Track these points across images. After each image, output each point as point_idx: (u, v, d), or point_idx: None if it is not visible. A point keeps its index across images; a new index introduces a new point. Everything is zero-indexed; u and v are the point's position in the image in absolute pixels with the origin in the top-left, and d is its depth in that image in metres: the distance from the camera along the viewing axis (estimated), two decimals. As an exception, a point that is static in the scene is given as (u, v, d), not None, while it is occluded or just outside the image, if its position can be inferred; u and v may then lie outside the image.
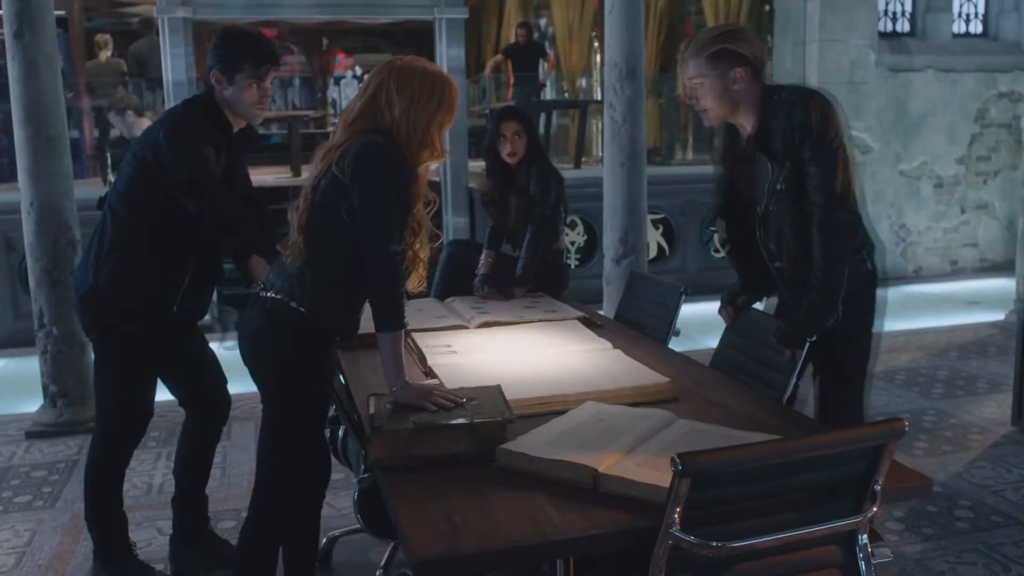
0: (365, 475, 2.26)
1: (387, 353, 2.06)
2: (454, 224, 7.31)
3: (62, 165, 4.32)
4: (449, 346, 2.69)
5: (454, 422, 1.88)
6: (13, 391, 5.09)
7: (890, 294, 7.60)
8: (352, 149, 2.04)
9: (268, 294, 2.17)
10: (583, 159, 9.00)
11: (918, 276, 8.27)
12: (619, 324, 3.15)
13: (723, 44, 2.35)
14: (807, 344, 2.37)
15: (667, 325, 2.97)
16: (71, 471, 3.89)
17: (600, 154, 7.88)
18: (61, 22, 11.78)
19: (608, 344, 2.68)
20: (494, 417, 1.88)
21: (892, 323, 6.34)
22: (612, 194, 5.12)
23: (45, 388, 4.45)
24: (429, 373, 2.46)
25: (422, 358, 2.58)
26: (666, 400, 2.22)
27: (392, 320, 2.06)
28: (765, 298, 2.79)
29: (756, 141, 2.42)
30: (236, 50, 2.61)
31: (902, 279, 8.14)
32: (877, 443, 1.54)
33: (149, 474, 3.84)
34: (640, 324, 3.12)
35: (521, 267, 3.45)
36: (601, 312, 4.15)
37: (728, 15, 8.77)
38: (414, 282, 2.15)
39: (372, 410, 1.99)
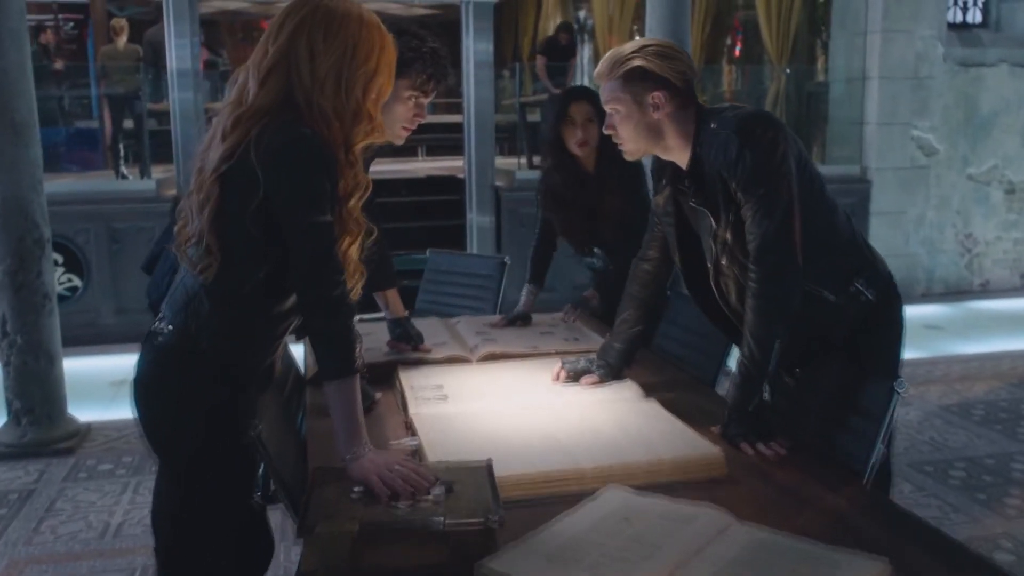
0: None
1: (336, 409, 1.53)
2: (478, 224, 6.80)
3: (29, 154, 3.84)
4: (440, 387, 2.14)
5: (416, 522, 1.33)
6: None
7: (954, 311, 6.97)
8: (268, 139, 1.51)
9: (159, 326, 1.65)
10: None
11: (985, 290, 7.58)
12: (655, 356, 2.57)
13: (636, 62, 1.91)
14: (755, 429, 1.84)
15: (715, 362, 2.39)
16: (23, 504, 3.40)
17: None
18: (83, 8, 11.50)
19: (639, 390, 2.12)
20: (473, 517, 1.33)
21: (961, 345, 5.70)
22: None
23: (9, 404, 3.98)
24: (410, 425, 1.92)
25: (404, 404, 2.05)
26: (716, 478, 1.66)
27: (341, 364, 1.53)
28: None
29: (691, 181, 1.95)
30: (407, 47, 2.08)
31: (967, 293, 7.47)
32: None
33: (109, 510, 3.34)
34: (681, 358, 2.55)
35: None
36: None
37: (782, 5, 8.13)
38: (348, 284, 1.62)
39: (311, 495, 1.45)
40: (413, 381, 2.19)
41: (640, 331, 2.22)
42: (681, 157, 1.98)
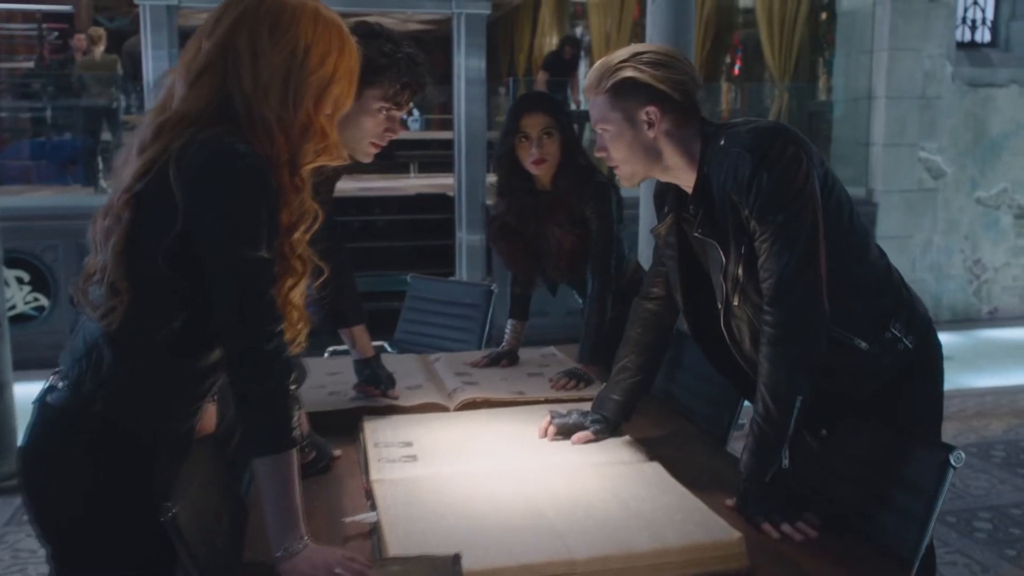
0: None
1: (268, 492, 1.25)
2: (468, 243, 6.53)
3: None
4: (409, 444, 1.85)
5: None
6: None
7: (963, 339, 6.69)
8: (193, 153, 1.22)
9: (53, 380, 1.35)
10: (601, 172, 8.16)
11: (993, 318, 7.31)
12: (660, 403, 2.28)
13: (625, 73, 1.64)
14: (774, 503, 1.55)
15: (727, 413, 2.10)
16: (-41, 552, 3.09)
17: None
18: (68, 18, 11.23)
19: (640, 451, 1.82)
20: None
21: (973, 378, 5.42)
22: (651, 217, 4.29)
23: (-47, 437, 3.67)
24: (370, 493, 1.63)
25: (367, 464, 1.75)
26: (735, 571, 1.37)
27: (275, 436, 1.24)
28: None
29: (697, 207, 1.66)
30: (379, 52, 1.80)
31: (975, 321, 7.20)
32: None
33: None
34: (687, 406, 2.25)
35: (585, 340, 2.43)
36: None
37: (785, 23, 7.90)
38: (288, 335, 1.33)
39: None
40: (379, 435, 1.89)
41: (641, 381, 1.93)
42: (685, 179, 1.70)
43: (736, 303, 1.64)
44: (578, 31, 12.55)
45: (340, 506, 1.62)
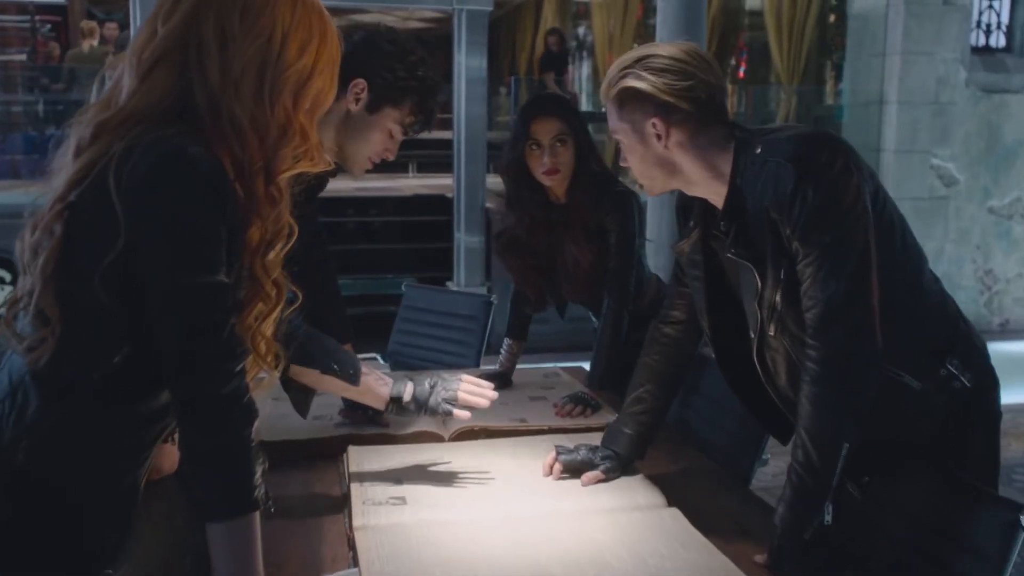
0: None
1: (222, 561, 1.05)
2: (467, 244, 6.35)
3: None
4: (398, 482, 1.65)
5: None
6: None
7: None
8: (137, 157, 1.03)
9: None
10: (619, 180, 7.97)
11: (1004, 331, 7.13)
12: (674, 431, 2.08)
13: (625, 82, 1.47)
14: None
15: (750, 449, 1.91)
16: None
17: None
18: (61, 10, 11.04)
19: (658, 495, 1.63)
20: None
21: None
22: (658, 225, 4.12)
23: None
24: (351, 542, 1.44)
25: (349, 509, 1.55)
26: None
27: (232, 497, 1.05)
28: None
29: (729, 223, 1.47)
30: (412, 74, 1.72)
31: (985, 333, 6.83)
32: None
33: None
34: (706, 440, 2.06)
35: (596, 363, 2.22)
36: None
37: (794, 25, 7.72)
38: (253, 371, 1.14)
39: None
40: (364, 470, 1.70)
41: (657, 414, 1.74)
42: (712, 192, 1.50)
43: (772, 333, 1.45)
44: (581, 31, 12.38)
45: (318, 557, 1.43)
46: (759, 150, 1.43)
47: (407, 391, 1.62)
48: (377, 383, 1.64)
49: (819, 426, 1.35)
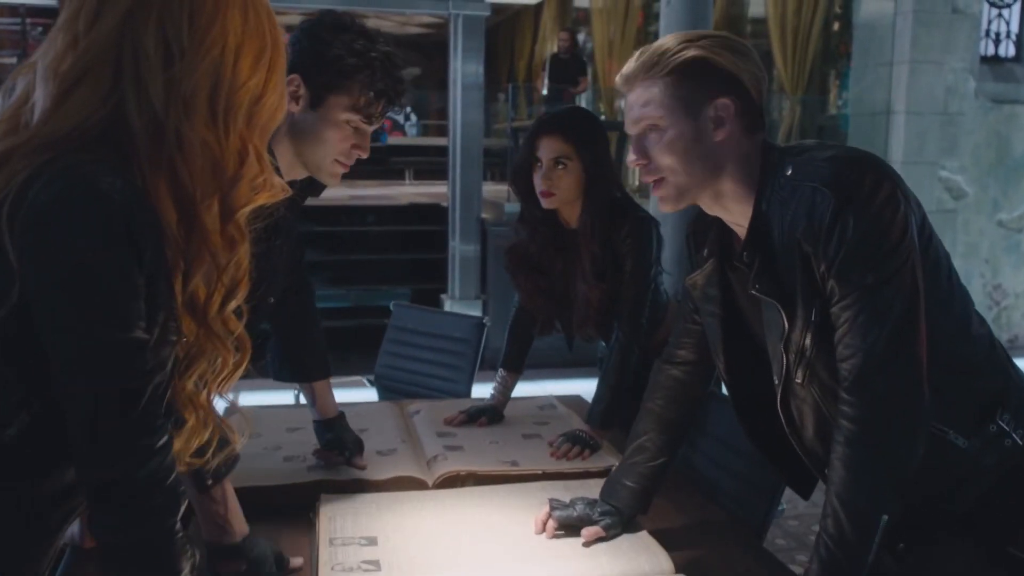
0: None
1: None
2: (461, 253, 6.19)
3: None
4: (373, 541, 1.47)
5: None
6: None
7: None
8: (36, 191, 0.86)
9: None
10: (639, 206, 7.78)
11: (1013, 347, 6.95)
12: (678, 474, 1.89)
13: (690, 52, 1.26)
14: None
15: (765, 498, 1.73)
16: None
17: (638, 184, 6.74)
18: (51, 12, 10.86)
19: (664, 559, 1.44)
20: None
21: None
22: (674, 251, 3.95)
23: None
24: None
25: (316, 572, 1.38)
26: None
27: None
28: None
29: (751, 253, 1.29)
30: (349, 50, 1.48)
31: (993, 349, 6.84)
32: None
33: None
34: (715, 485, 1.88)
35: (598, 400, 2.01)
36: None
37: (799, 33, 7.56)
38: (179, 443, 0.96)
39: None
40: (336, 526, 1.52)
41: (662, 465, 1.55)
42: (737, 211, 1.32)
43: (800, 380, 1.27)
44: (580, 37, 12.23)
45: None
46: (790, 171, 1.25)
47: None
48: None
49: (854, 494, 1.18)
